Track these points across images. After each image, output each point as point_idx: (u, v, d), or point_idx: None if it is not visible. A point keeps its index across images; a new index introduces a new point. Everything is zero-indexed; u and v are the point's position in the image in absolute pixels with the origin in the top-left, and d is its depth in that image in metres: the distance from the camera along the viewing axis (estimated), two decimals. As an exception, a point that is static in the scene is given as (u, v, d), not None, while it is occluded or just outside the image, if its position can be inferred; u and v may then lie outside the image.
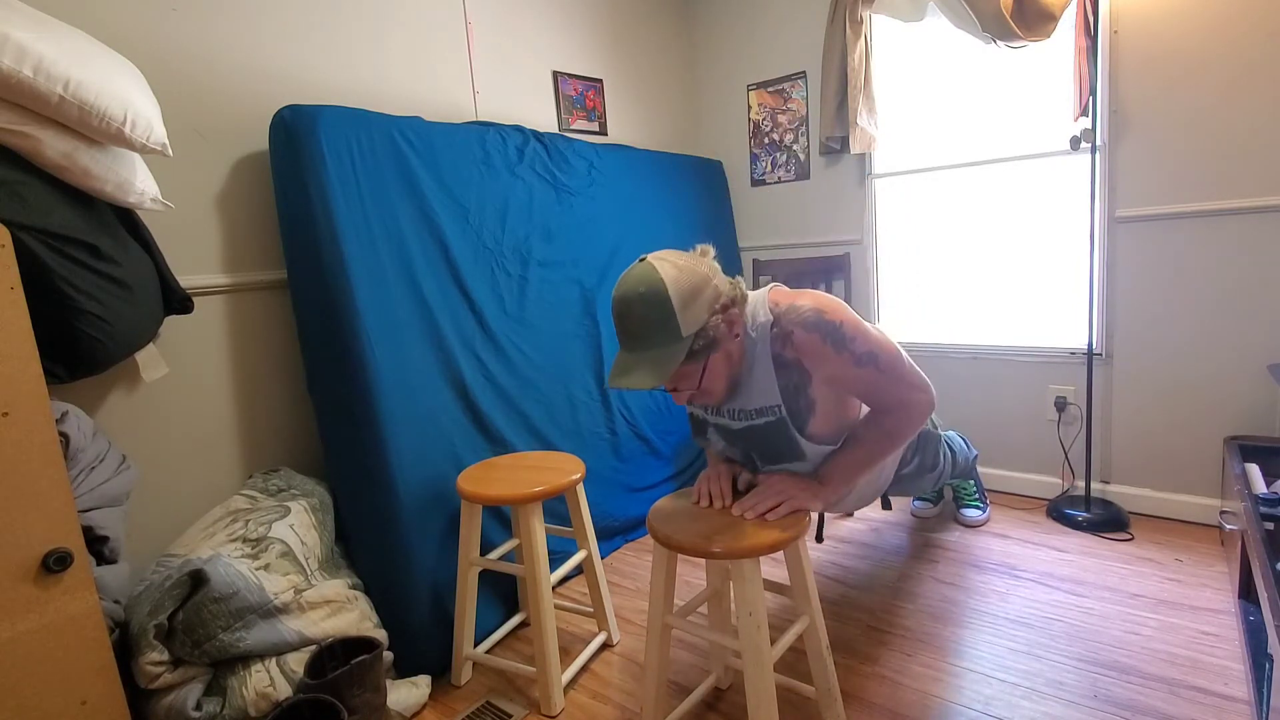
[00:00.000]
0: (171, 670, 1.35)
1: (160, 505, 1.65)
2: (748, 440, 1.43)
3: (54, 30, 1.20)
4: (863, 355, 1.29)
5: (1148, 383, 2.30)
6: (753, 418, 1.38)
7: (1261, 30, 1.97)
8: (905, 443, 1.40)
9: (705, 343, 1.21)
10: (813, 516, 1.39)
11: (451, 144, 2.06)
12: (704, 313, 1.20)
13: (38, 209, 1.17)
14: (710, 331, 1.21)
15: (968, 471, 2.45)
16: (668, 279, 1.18)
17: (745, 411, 1.39)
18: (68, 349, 1.27)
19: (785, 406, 1.34)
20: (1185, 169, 2.14)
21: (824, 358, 1.29)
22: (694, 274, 1.21)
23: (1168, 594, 1.85)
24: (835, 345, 1.28)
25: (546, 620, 1.58)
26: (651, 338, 1.19)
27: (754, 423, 1.39)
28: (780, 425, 1.36)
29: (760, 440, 1.41)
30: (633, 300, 1.19)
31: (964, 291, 2.69)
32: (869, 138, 2.67)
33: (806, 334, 1.28)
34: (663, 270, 1.19)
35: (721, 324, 1.23)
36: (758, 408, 1.37)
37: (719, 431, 1.47)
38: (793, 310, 1.30)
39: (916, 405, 1.35)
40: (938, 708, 1.50)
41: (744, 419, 1.40)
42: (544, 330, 2.25)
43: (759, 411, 1.37)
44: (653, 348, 1.19)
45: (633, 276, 1.21)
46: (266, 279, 1.84)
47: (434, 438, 1.85)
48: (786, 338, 1.30)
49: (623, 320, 1.22)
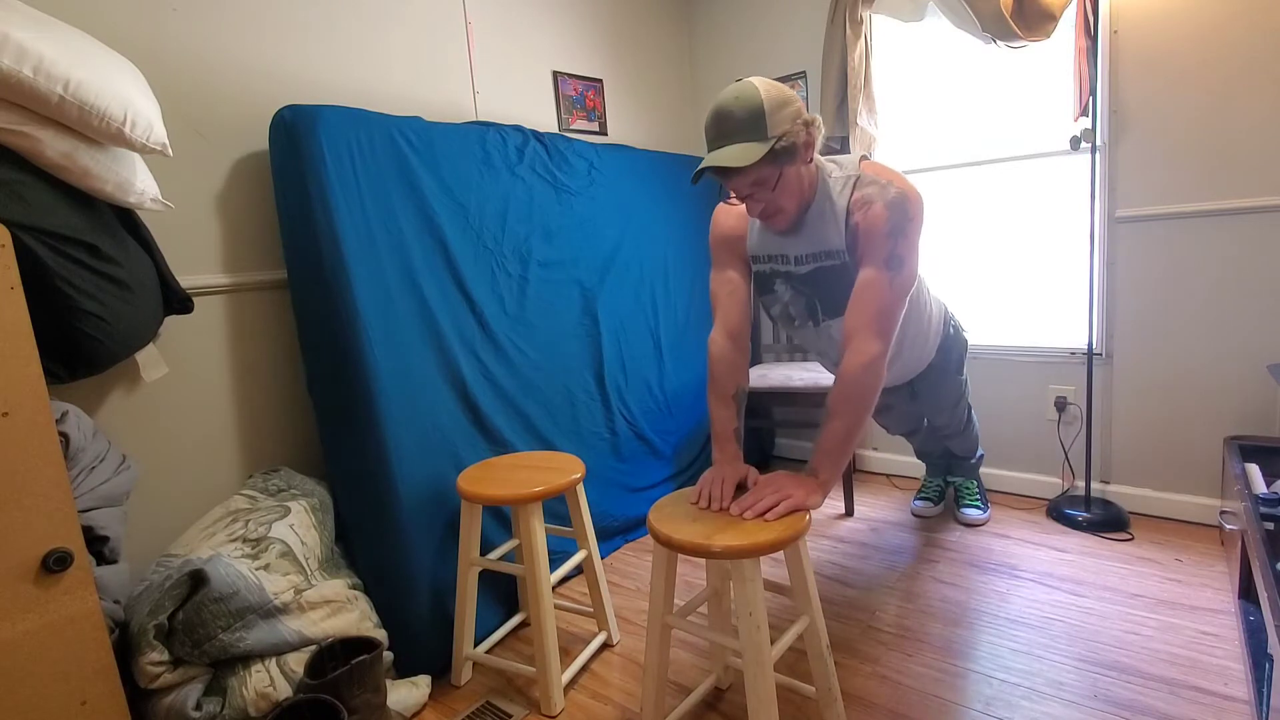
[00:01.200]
0: (171, 670, 1.35)
1: (160, 505, 1.65)
2: (813, 285, 1.54)
3: (54, 30, 1.20)
4: (895, 255, 1.37)
5: (1148, 383, 2.30)
6: (820, 260, 1.50)
7: (1261, 30, 1.97)
8: (870, 404, 1.39)
9: (786, 148, 1.32)
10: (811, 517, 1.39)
11: (451, 144, 2.06)
12: (788, 123, 1.31)
13: (38, 209, 1.17)
14: (791, 138, 1.31)
15: (971, 471, 2.46)
16: (761, 88, 1.31)
17: (813, 254, 1.50)
18: (68, 349, 1.27)
19: (848, 251, 1.45)
20: (1185, 169, 2.14)
21: (875, 233, 1.38)
22: (784, 89, 1.34)
23: (1168, 594, 1.85)
24: (892, 228, 1.37)
25: (546, 620, 1.58)
26: (742, 134, 1.30)
27: (821, 265, 1.50)
28: (845, 269, 1.47)
29: (825, 284, 1.52)
30: (729, 102, 1.31)
31: (964, 291, 2.69)
32: (869, 138, 2.67)
33: (882, 208, 1.38)
34: (757, 82, 1.32)
35: (803, 135, 1.34)
36: (826, 250, 1.48)
37: (785, 282, 1.59)
38: (886, 187, 1.39)
39: (870, 358, 1.35)
40: (938, 708, 1.50)
41: (811, 261, 1.51)
42: (544, 330, 2.25)
43: (826, 254, 1.49)
44: (743, 139, 1.30)
45: (731, 88, 1.33)
46: (266, 279, 1.84)
47: (434, 438, 1.85)
48: (866, 205, 1.40)
49: (717, 122, 1.32)
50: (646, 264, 2.69)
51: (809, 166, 1.42)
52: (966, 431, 2.26)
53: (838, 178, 1.45)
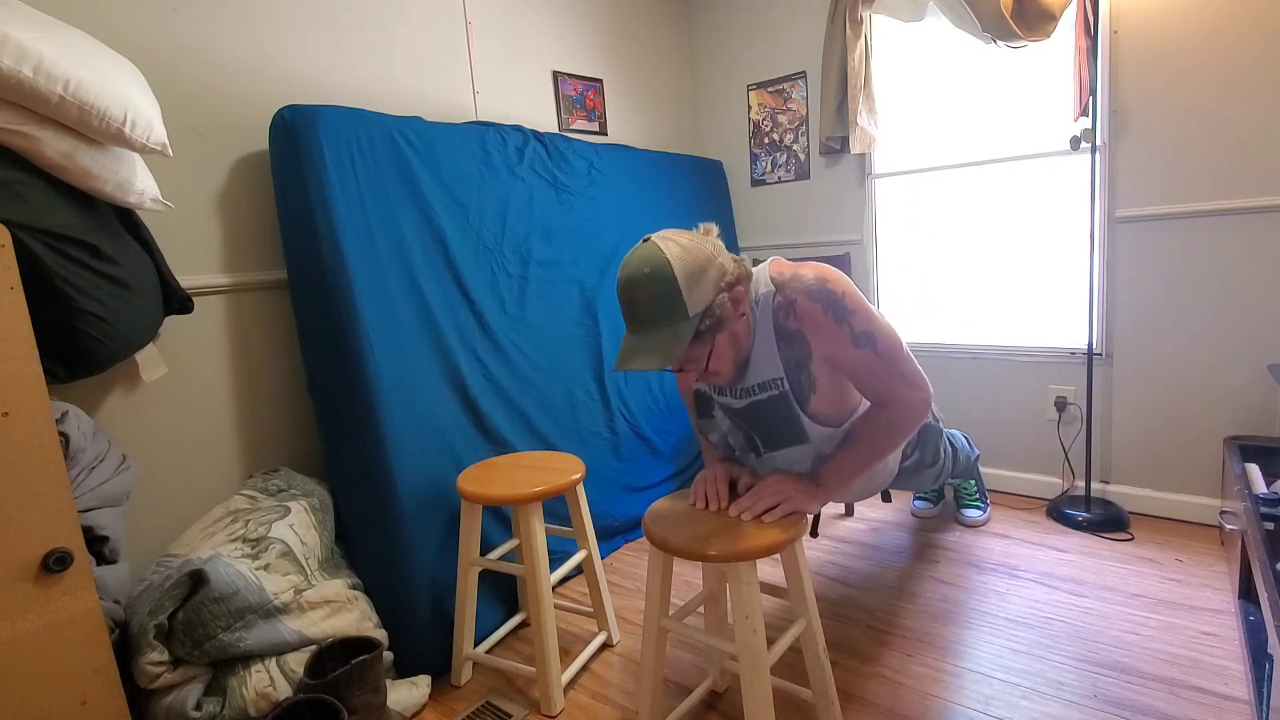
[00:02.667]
0: (171, 670, 1.35)
1: (160, 505, 1.65)
2: (751, 419, 1.41)
3: (54, 30, 1.20)
4: (861, 334, 1.27)
5: (1148, 383, 2.30)
6: (755, 393, 1.37)
7: (1261, 30, 1.97)
8: (903, 442, 1.38)
9: (712, 322, 1.20)
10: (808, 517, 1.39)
11: (451, 144, 2.06)
12: (710, 292, 1.18)
13: (38, 209, 1.17)
14: (717, 310, 1.19)
15: (969, 471, 2.45)
16: (673, 258, 1.16)
17: (748, 388, 1.37)
18: (68, 349, 1.27)
19: (788, 379, 1.32)
20: (1185, 169, 2.14)
21: (824, 329, 1.27)
22: (699, 253, 1.19)
23: (1168, 594, 1.85)
24: (835, 317, 1.26)
25: (546, 620, 1.58)
26: (658, 319, 1.17)
27: (757, 398, 1.37)
28: (783, 400, 1.34)
29: (763, 418, 1.39)
30: (638, 281, 1.17)
31: (964, 291, 2.69)
32: (869, 138, 2.67)
33: (809, 302, 1.27)
34: (667, 249, 1.17)
35: (728, 302, 1.21)
36: (760, 382, 1.35)
37: (723, 411, 1.46)
38: (796, 279, 1.29)
39: (911, 403, 1.33)
40: (938, 708, 1.50)
41: (747, 395, 1.38)
42: (544, 330, 2.25)
43: (761, 386, 1.35)
44: (659, 329, 1.18)
45: (637, 257, 1.19)
46: (266, 279, 1.84)
47: (434, 438, 1.85)
48: (790, 307, 1.29)
49: (629, 303, 1.20)
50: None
51: (744, 320, 1.28)
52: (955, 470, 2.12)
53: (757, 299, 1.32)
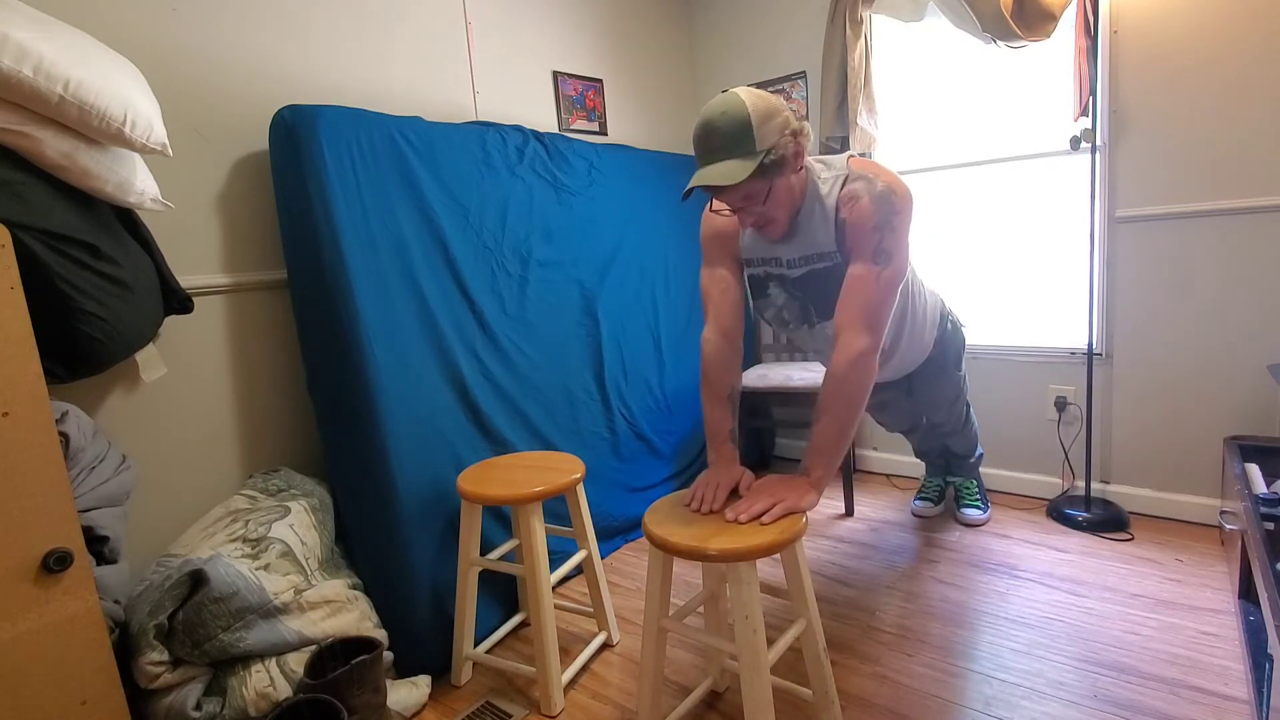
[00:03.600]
0: (171, 670, 1.35)
1: (160, 505, 1.65)
2: (807, 288, 1.54)
3: (54, 30, 1.20)
4: (883, 249, 1.36)
5: (1148, 383, 2.30)
6: (813, 262, 1.49)
7: (1261, 30, 1.97)
8: (862, 402, 1.38)
9: (775, 160, 1.30)
10: (808, 517, 1.39)
11: (451, 144, 2.06)
12: (776, 134, 1.30)
13: (38, 209, 1.17)
14: (780, 150, 1.30)
15: (971, 470, 2.46)
16: (747, 100, 1.29)
17: (805, 257, 1.50)
18: (68, 349, 1.27)
19: (840, 251, 1.44)
20: (1185, 169, 2.14)
21: (863, 226, 1.37)
22: (771, 100, 1.32)
23: (1168, 594, 1.85)
24: (879, 221, 1.36)
25: (546, 620, 1.58)
26: (731, 149, 1.29)
27: (814, 267, 1.50)
28: (838, 270, 1.45)
29: (818, 286, 1.51)
30: (716, 117, 1.29)
31: (964, 291, 2.69)
32: (869, 138, 2.66)
33: (869, 203, 1.37)
34: (743, 94, 1.30)
35: (791, 145, 1.32)
36: (818, 252, 1.48)
37: (778, 285, 1.58)
38: (872, 180, 1.39)
39: (857, 352, 1.34)
40: (938, 708, 1.50)
41: (804, 264, 1.51)
42: (544, 330, 2.25)
43: (819, 256, 1.48)
44: (731, 157, 1.29)
45: (717, 101, 1.32)
46: (266, 279, 1.84)
47: (434, 438, 1.85)
48: (853, 199, 1.39)
49: (705, 137, 1.31)
50: (647, 264, 2.69)
51: (799, 174, 1.42)
52: (965, 429, 2.26)
53: (826, 178, 1.45)
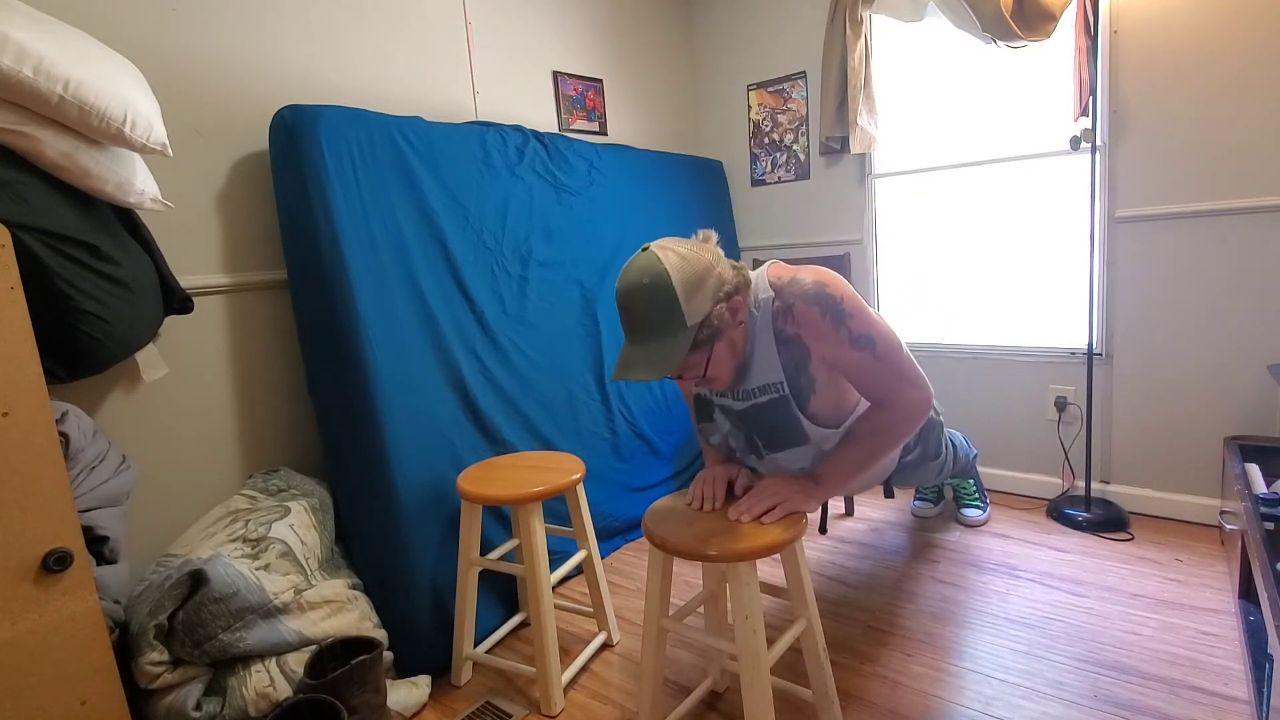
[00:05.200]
0: (171, 670, 1.35)
1: (160, 505, 1.65)
2: (751, 422, 1.41)
3: (54, 30, 1.20)
4: (860, 337, 1.28)
5: (1148, 383, 2.30)
6: (755, 396, 1.37)
7: (1261, 30, 1.97)
8: (902, 442, 1.38)
9: (710, 332, 1.21)
10: (811, 515, 1.39)
11: (451, 144, 2.06)
12: (708, 302, 1.19)
13: (38, 209, 1.17)
14: (715, 320, 1.20)
15: (967, 470, 2.45)
16: (671, 269, 1.17)
17: (748, 391, 1.38)
18: (68, 349, 1.27)
19: (788, 384, 1.33)
20: (1185, 169, 2.14)
21: (822, 333, 1.28)
22: (697, 262, 1.20)
23: (1168, 594, 1.85)
24: (834, 320, 1.27)
25: (546, 620, 1.58)
26: (656, 329, 1.18)
27: (757, 401, 1.38)
28: (783, 404, 1.35)
29: (764, 421, 1.39)
30: (636, 291, 1.18)
31: (964, 291, 2.69)
32: (869, 138, 2.67)
33: (806, 307, 1.27)
34: (666, 260, 1.18)
35: (725, 312, 1.23)
36: (760, 385, 1.36)
37: (723, 413, 1.46)
38: (795, 284, 1.30)
39: (912, 403, 1.33)
40: (938, 708, 1.50)
41: (747, 398, 1.39)
42: (544, 330, 2.25)
43: (761, 390, 1.36)
44: (657, 338, 1.18)
45: (636, 267, 1.20)
46: (266, 279, 1.84)
47: (434, 438, 1.85)
48: (788, 311, 1.29)
49: (628, 313, 1.21)
50: (646, 264, 2.69)
51: (741, 328, 1.30)
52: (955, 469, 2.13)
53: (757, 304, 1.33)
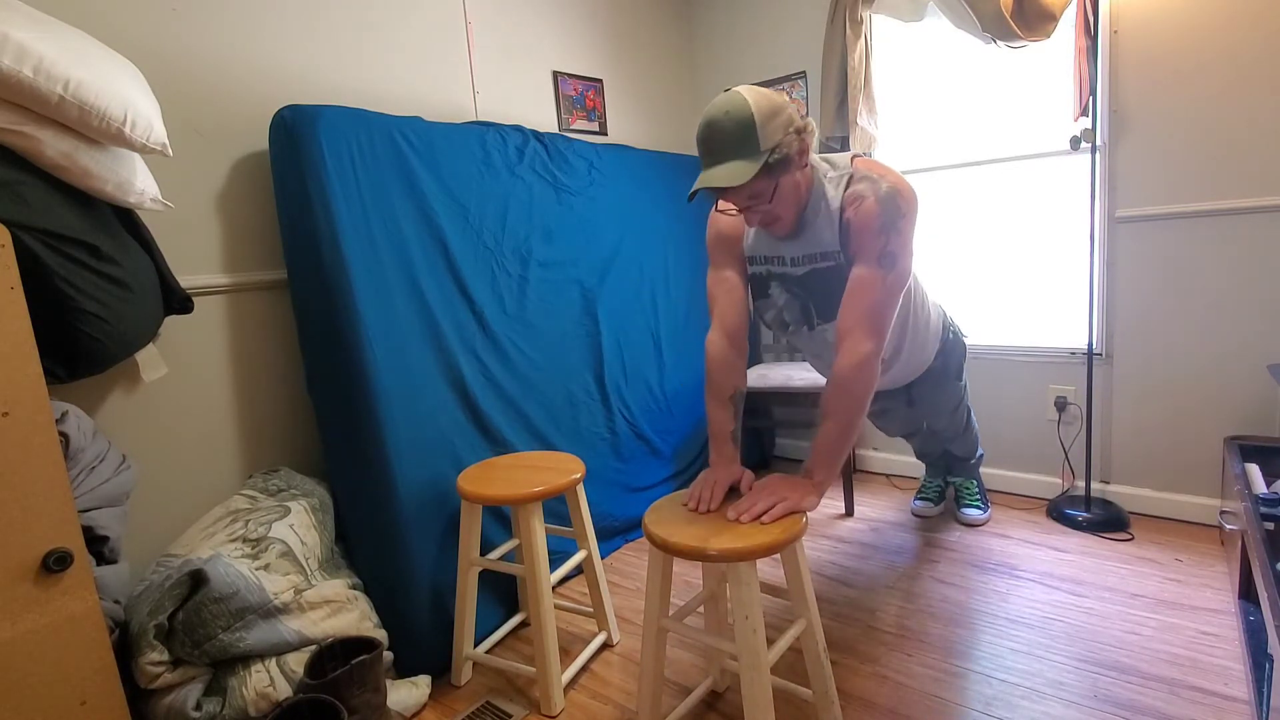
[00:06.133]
0: (171, 670, 1.35)
1: (160, 505, 1.65)
2: (808, 288, 1.53)
3: (54, 30, 1.20)
4: (889, 252, 1.36)
5: (1148, 383, 2.30)
6: (816, 261, 1.48)
7: (1261, 30, 1.97)
8: (865, 404, 1.38)
9: (780, 159, 1.30)
10: (808, 517, 1.39)
11: (451, 144, 2.06)
12: (780, 132, 1.29)
13: (38, 209, 1.17)
14: (784, 149, 1.29)
15: (971, 471, 2.46)
16: (750, 99, 1.28)
17: (809, 255, 1.49)
18: (68, 349, 1.27)
19: (843, 252, 1.44)
20: (1185, 169, 2.14)
21: (867, 229, 1.36)
22: (774, 98, 1.31)
23: (1168, 594, 1.85)
24: (884, 223, 1.35)
25: (546, 620, 1.58)
26: (735, 149, 1.28)
27: (818, 266, 1.49)
28: (839, 270, 1.44)
29: (821, 287, 1.50)
30: (719, 117, 1.28)
31: (964, 291, 2.69)
32: (869, 138, 2.66)
33: (874, 204, 1.36)
34: (746, 92, 1.29)
35: (795, 144, 1.31)
36: (822, 251, 1.47)
37: (780, 284, 1.57)
38: (877, 180, 1.38)
39: (860, 356, 1.34)
40: (938, 708, 1.50)
41: (808, 263, 1.50)
42: (544, 330, 2.25)
43: (823, 255, 1.47)
44: (733, 158, 1.28)
45: (720, 100, 1.30)
46: (266, 279, 1.84)
47: (434, 438, 1.85)
48: (858, 200, 1.38)
49: (708, 138, 1.30)
50: (647, 264, 2.69)
51: (804, 171, 1.41)
52: (966, 434, 2.26)
53: (832, 177, 1.44)
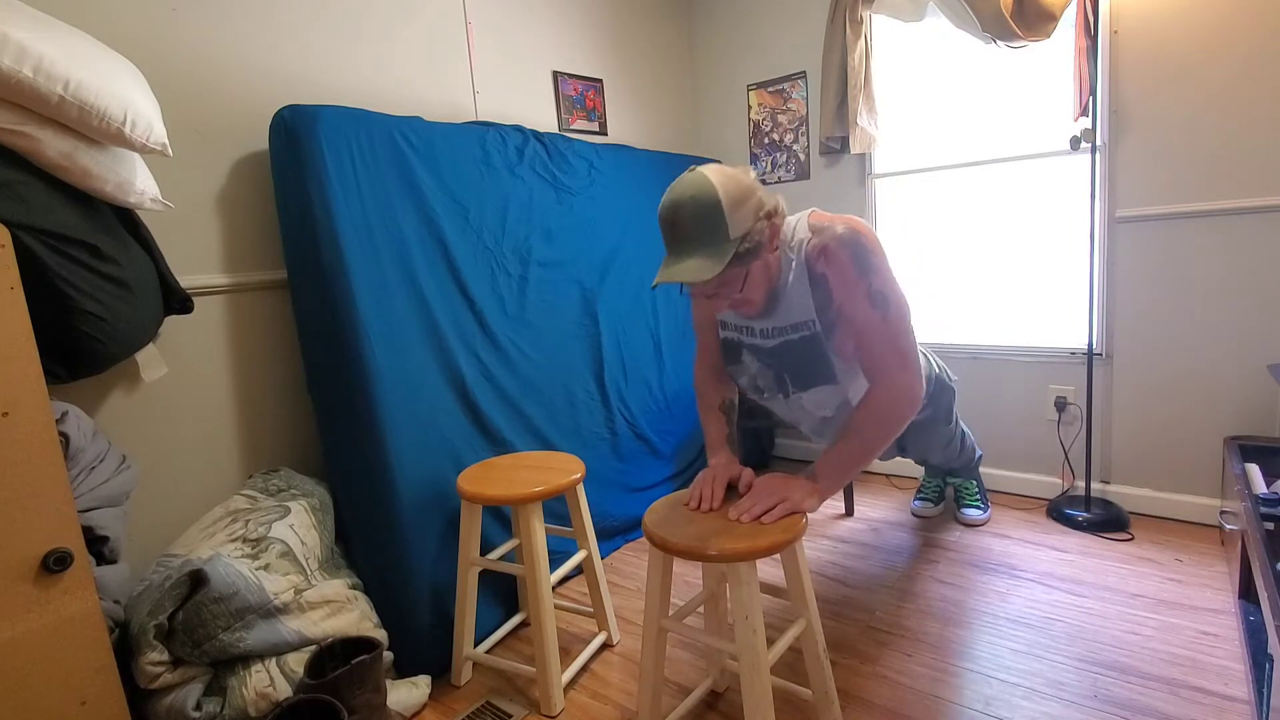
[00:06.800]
0: (171, 670, 1.35)
1: (160, 505, 1.65)
2: (781, 359, 1.47)
3: (54, 30, 1.20)
4: (876, 293, 1.33)
5: (1148, 383, 2.30)
6: (787, 333, 1.43)
7: (1261, 30, 1.97)
8: (896, 433, 1.38)
9: (750, 248, 1.24)
10: (808, 517, 1.39)
11: (451, 144, 2.06)
12: (750, 219, 1.23)
13: (38, 209, 1.17)
14: (755, 236, 1.24)
15: (971, 471, 2.46)
16: (718, 183, 1.22)
17: (780, 328, 1.43)
18: (68, 349, 1.27)
19: (819, 321, 1.38)
20: (1185, 169, 2.14)
21: (846, 277, 1.33)
22: (742, 182, 1.25)
23: (1168, 594, 1.85)
24: (859, 269, 1.32)
25: (546, 620, 1.58)
26: (701, 239, 1.22)
27: (789, 338, 1.43)
28: (814, 340, 1.40)
29: (793, 357, 1.45)
30: (684, 203, 1.23)
31: (964, 291, 2.69)
32: (869, 138, 2.67)
33: (839, 248, 1.32)
34: (713, 176, 1.23)
35: (765, 230, 1.26)
36: (793, 323, 1.41)
37: (752, 353, 1.51)
38: (832, 227, 1.35)
39: (899, 387, 1.33)
40: (938, 708, 1.50)
41: (778, 335, 1.44)
42: (544, 330, 2.25)
43: (794, 327, 1.42)
44: (701, 249, 1.22)
45: (683, 183, 1.25)
46: (266, 279, 1.84)
47: (434, 438, 1.85)
48: (821, 251, 1.34)
49: (673, 225, 1.24)
50: (647, 264, 2.69)
51: (775, 254, 1.35)
52: (962, 453, 2.23)
53: (793, 244, 1.39)
